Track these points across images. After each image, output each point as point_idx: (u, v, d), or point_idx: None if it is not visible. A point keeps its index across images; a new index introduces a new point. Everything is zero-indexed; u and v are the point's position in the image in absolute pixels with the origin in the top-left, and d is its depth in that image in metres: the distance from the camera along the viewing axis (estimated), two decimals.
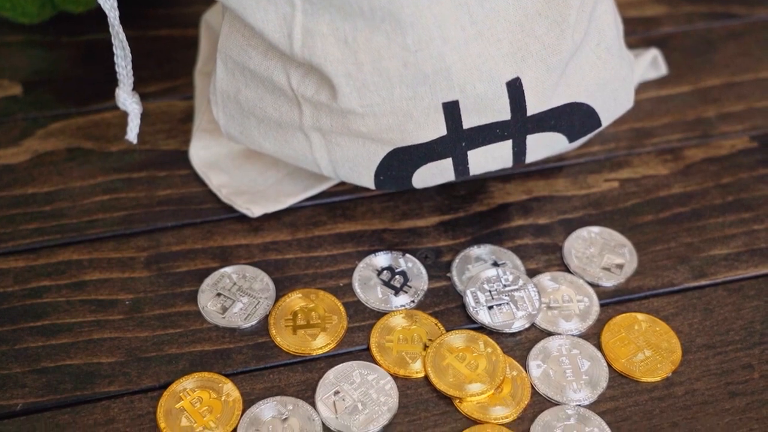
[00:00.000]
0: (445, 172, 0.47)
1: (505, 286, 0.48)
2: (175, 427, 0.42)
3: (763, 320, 0.47)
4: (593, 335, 0.46)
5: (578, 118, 0.47)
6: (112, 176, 0.53)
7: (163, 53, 0.60)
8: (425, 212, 0.52)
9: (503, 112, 0.44)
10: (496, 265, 0.49)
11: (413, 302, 0.47)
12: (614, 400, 0.44)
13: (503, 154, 0.47)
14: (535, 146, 0.47)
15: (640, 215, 0.52)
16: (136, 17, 0.62)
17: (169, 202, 0.52)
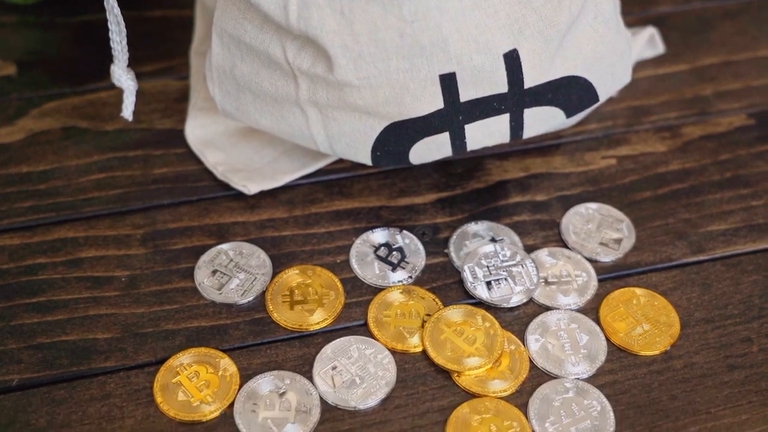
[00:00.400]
0: (442, 147, 0.46)
1: (502, 261, 0.47)
2: (171, 401, 0.42)
3: (761, 294, 0.47)
4: (591, 310, 0.46)
5: (576, 92, 0.46)
6: (107, 155, 0.53)
7: (158, 34, 0.60)
8: (422, 190, 0.52)
9: (500, 84, 0.44)
10: (493, 241, 0.49)
11: (410, 278, 0.47)
12: (613, 373, 0.44)
13: (501, 128, 0.46)
14: (532, 121, 0.47)
15: (638, 192, 0.52)
16: None
17: (165, 180, 0.51)
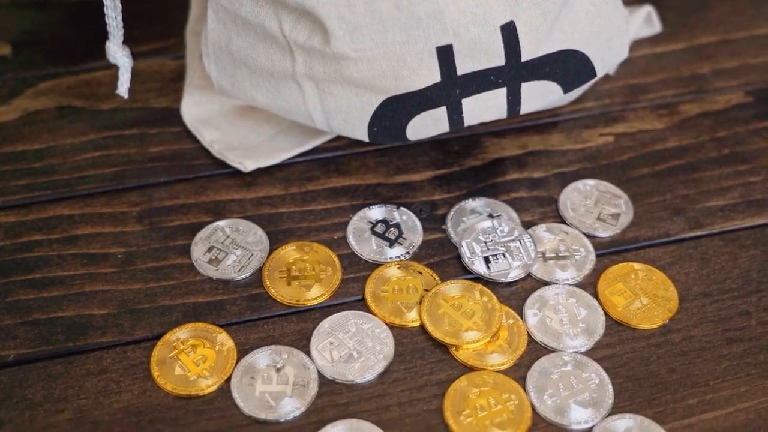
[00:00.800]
0: (439, 122, 0.46)
1: (500, 237, 0.47)
2: (168, 375, 0.42)
3: (759, 269, 0.47)
4: (589, 285, 0.46)
5: (573, 66, 0.46)
6: (103, 133, 0.52)
7: (154, 13, 0.60)
8: (420, 167, 0.51)
9: (497, 57, 0.44)
10: (491, 217, 0.49)
11: (408, 254, 0.47)
12: (611, 347, 0.44)
13: (498, 103, 0.46)
14: (529, 95, 0.46)
15: (635, 168, 0.52)
16: None
17: (161, 158, 0.51)
